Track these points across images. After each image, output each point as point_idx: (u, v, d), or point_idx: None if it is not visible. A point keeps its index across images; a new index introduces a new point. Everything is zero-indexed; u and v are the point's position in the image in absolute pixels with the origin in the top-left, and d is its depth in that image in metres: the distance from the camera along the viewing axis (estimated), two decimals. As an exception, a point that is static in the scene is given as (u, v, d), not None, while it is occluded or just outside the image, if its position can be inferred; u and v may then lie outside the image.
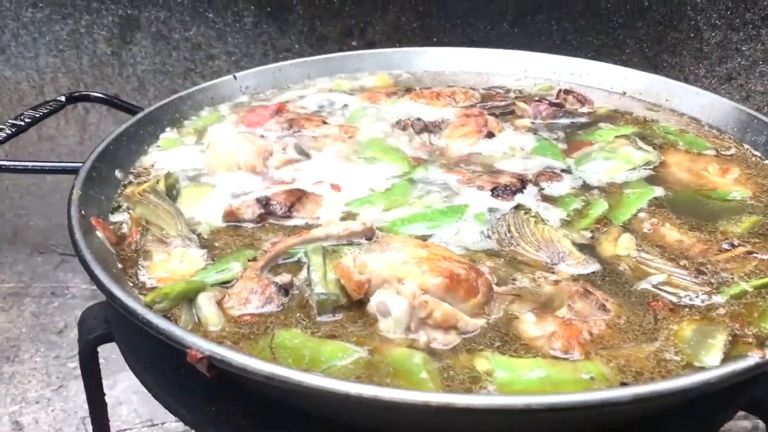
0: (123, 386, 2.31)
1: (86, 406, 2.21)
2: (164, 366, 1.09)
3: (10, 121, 1.46)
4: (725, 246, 1.18)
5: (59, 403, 2.27)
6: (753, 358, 0.86)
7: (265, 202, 1.26)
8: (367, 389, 0.81)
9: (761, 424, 1.86)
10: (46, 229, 3.03)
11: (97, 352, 1.26)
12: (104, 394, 1.33)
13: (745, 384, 1.05)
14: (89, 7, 2.52)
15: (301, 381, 0.82)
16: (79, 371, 2.34)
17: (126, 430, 2.03)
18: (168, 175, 1.33)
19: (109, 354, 2.43)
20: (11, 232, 3.08)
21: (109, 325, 1.21)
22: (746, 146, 1.49)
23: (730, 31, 2.20)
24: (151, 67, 2.60)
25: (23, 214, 3.05)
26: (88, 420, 2.08)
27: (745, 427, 1.89)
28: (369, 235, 1.19)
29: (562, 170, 1.41)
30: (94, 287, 1.98)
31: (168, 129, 1.56)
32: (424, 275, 1.00)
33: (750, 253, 1.16)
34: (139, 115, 1.50)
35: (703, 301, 1.05)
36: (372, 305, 1.02)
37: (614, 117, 1.64)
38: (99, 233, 1.17)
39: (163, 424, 2.13)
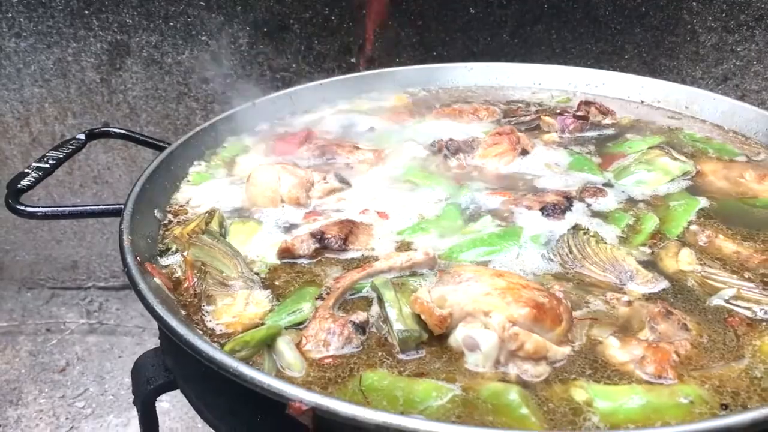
0: (135, 426, 2.25)
1: (103, 446, 2.16)
2: (242, 414, 1.05)
3: (34, 164, 1.40)
4: (782, 255, 1.19)
5: (73, 446, 2.20)
6: None
7: (319, 237, 1.23)
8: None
9: None
10: (33, 263, 2.94)
11: (155, 402, 1.21)
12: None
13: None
14: (76, 35, 2.44)
15: (417, 428, 0.81)
16: (89, 411, 2.29)
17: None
18: (216, 214, 1.29)
19: (118, 390, 2.37)
20: (-3, 268, 2.98)
21: (170, 373, 1.16)
22: (775, 151, 1.52)
23: (725, 33, 2.24)
24: (142, 92, 2.54)
25: (9, 249, 2.94)
26: (107, 461, 2.02)
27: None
28: (431, 264, 1.18)
29: (604, 185, 1.42)
30: (92, 321, 1.91)
31: (195, 162, 1.52)
32: (510, 306, 0.99)
33: (808, 261, 1.18)
34: (168, 150, 1.45)
35: (776, 314, 1.07)
36: (458, 340, 1.01)
37: (639, 127, 1.66)
38: (156, 279, 1.13)
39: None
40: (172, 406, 2.32)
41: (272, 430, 1.02)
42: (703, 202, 1.35)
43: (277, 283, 1.16)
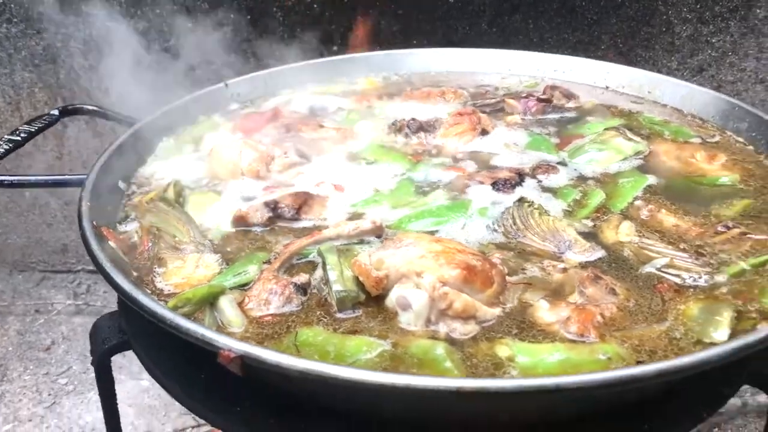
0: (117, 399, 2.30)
1: (81, 421, 2.22)
2: (188, 370, 1.10)
3: (6, 136, 1.45)
4: (720, 228, 1.23)
5: (53, 420, 2.25)
6: (763, 330, 0.91)
7: (273, 206, 1.28)
8: (399, 378, 0.83)
9: (750, 401, 1.93)
10: (25, 247, 2.99)
11: (110, 362, 1.26)
12: (117, 404, 1.32)
13: (749, 358, 1.10)
14: (65, 22, 2.50)
15: (337, 374, 0.85)
16: (71, 387, 2.34)
17: (125, 442, 2.01)
18: (175, 184, 1.34)
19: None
20: (-10, 251, 3.04)
21: (124, 334, 1.21)
22: (729, 133, 1.55)
23: (700, 24, 2.27)
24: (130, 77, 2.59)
25: (1, 232, 3.00)
26: (85, 435, 2.07)
27: (734, 404, 1.96)
28: (378, 233, 1.22)
29: (558, 163, 1.46)
30: (79, 303, 1.97)
31: (164, 138, 1.57)
32: (442, 268, 1.03)
33: (744, 234, 1.21)
34: (136, 126, 1.50)
35: (706, 282, 1.10)
36: (391, 300, 1.05)
37: (600, 111, 1.69)
38: (111, 243, 1.18)
39: (162, 435, 2.13)
40: (151, 384, 2.38)
41: (212, 384, 1.06)
42: (651, 179, 1.39)
43: (228, 249, 1.21)
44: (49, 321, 2.71)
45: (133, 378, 2.41)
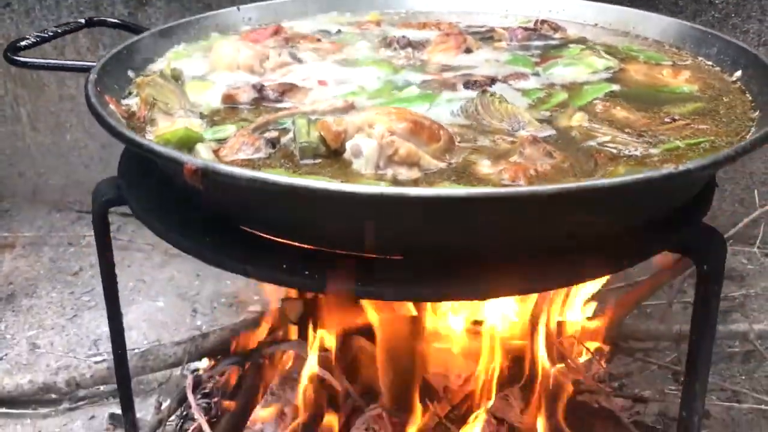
0: (133, 316, 2.47)
1: (98, 330, 2.39)
2: (169, 209, 1.24)
3: (35, 33, 1.63)
4: (667, 120, 1.32)
5: (73, 329, 2.43)
6: (668, 168, 1.00)
7: (259, 88, 1.42)
8: (333, 185, 0.96)
9: (756, 327, 1.98)
10: (64, 187, 3.21)
11: (107, 216, 1.41)
12: (113, 256, 1.47)
13: (672, 223, 1.19)
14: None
15: (277, 180, 0.98)
16: (92, 303, 2.52)
17: (134, 349, 2.17)
18: (174, 68, 1.49)
19: (122, 291, 2.60)
20: (31, 191, 3.26)
21: (120, 190, 1.36)
22: (700, 58, 1.63)
23: (703, -16, 2.35)
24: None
25: (43, 172, 3.23)
26: (100, 342, 2.26)
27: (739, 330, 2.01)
28: (349, 110, 1.34)
29: (532, 74, 1.56)
30: None
31: (177, 45, 1.72)
32: (392, 121, 1.15)
33: (688, 125, 1.30)
34: (153, 30, 1.67)
35: (640, 153, 1.20)
36: (347, 149, 1.17)
37: (584, 41, 1.79)
38: (112, 107, 1.33)
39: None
40: (165, 305, 2.54)
41: (187, 220, 1.21)
42: (615, 87, 1.48)
43: (215, 119, 1.35)
44: (80, 251, 2.91)
45: (149, 299, 2.58)
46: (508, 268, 1.07)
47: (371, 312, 1.69)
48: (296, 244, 1.11)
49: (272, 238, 1.13)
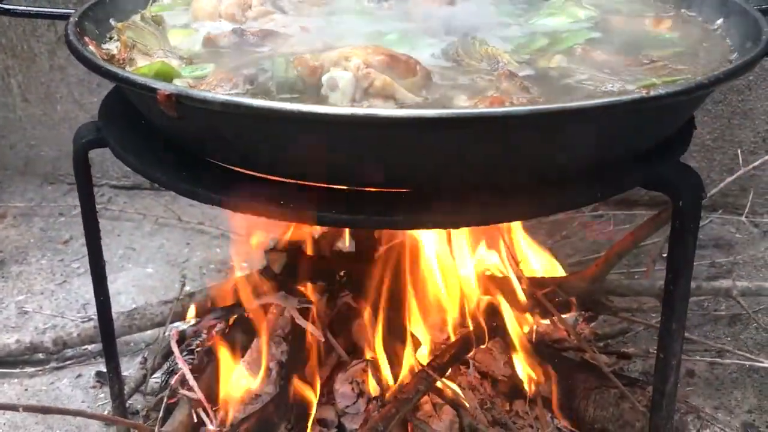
0: (122, 281, 2.48)
1: (87, 295, 2.39)
2: (146, 147, 1.25)
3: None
4: (645, 61, 1.32)
5: (62, 294, 2.43)
6: (638, 93, 1.01)
7: (240, 33, 1.42)
8: (307, 107, 0.96)
9: (738, 284, 1.99)
10: (56, 159, 3.21)
11: (88, 157, 1.42)
12: (94, 199, 1.47)
13: (648, 159, 1.20)
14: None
15: (251, 103, 0.98)
16: (81, 270, 2.52)
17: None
18: (155, 15, 1.49)
19: (111, 258, 2.60)
20: (23, 163, 3.26)
21: (100, 132, 1.37)
22: (683, 10, 1.63)
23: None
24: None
25: (34, 144, 3.22)
26: (89, 306, 2.26)
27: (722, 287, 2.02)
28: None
29: (513, 24, 1.57)
30: (99, 207, 2.13)
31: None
32: (368, 55, 1.16)
33: (666, 66, 1.30)
34: (135, -18, 1.67)
35: (617, 89, 1.20)
36: (323, 83, 1.17)
37: None
38: (92, 48, 1.33)
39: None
40: (154, 271, 2.55)
41: (163, 157, 1.21)
42: (595, 35, 1.48)
43: (195, 61, 1.35)
44: (70, 221, 2.91)
45: (139, 266, 2.59)
46: (481, 196, 1.08)
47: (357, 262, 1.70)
48: (270, 177, 1.12)
49: (246, 171, 1.14)
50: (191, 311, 1.93)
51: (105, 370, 1.76)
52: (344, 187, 1.09)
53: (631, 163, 1.17)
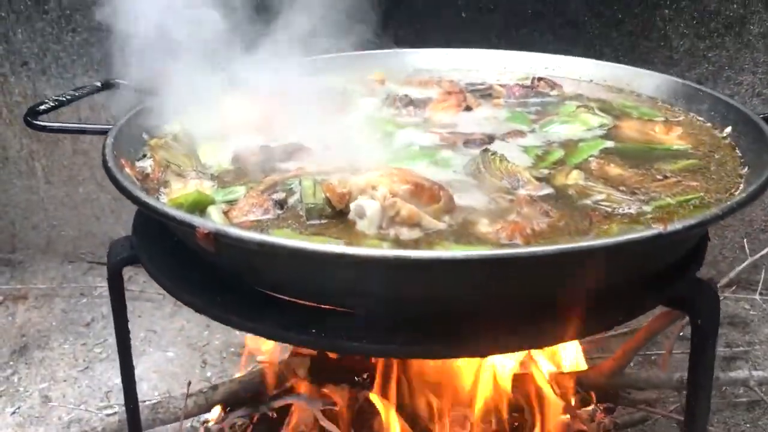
0: (143, 367, 2.51)
1: (110, 383, 2.42)
2: (179, 267, 1.30)
3: (53, 97, 1.70)
4: (658, 177, 1.37)
5: (85, 381, 2.46)
6: (656, 228, 1.05)
7: (267, 150, 1.48)
8: (337, 247, 1.02)
9: (755, 374, 2.01)
10: (76, 239, 3.28)
11: (122, 274, 1.46)
12: (126, 313, 1.51)
13: (665, 278, 1.23)
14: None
15: (286, 243, 1.03)
16: (104, 355, 2.56)
17: (145, 401, 2.20)
18: (186, 132, 1.56)
19: (133, 342, 2.63)
20: (45, 242, 3.33)
21: (134, 249, 1.42)
22: (692, 114, 1.69)
23: (696, 39, 2.42)
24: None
25: (56, 224, 3.30)
26: (112, 393, 2.29)
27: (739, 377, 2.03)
28: (354, 170, 1.40)
29: (529, 132, 1.63)
30: None
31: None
32: (394, 183, 1.21)
33: (679, 182, 1.35)
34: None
35: (634, 211, 1.25)
36: (351, 210, 1.23)
37: (580, 98, 1.86)
38: (127, 170, 1.39)
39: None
40: (175, 356, 2.58)
41: (200, 281, 1.26)
42: (609, 144, 1.54)
43: (225, 179, 1.41)
44: (92, 302, 2.96)
45: (160, 350, 2.62)
46: (505, 325, 1.11)
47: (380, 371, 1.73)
48: (301, 301, 1.16)
49: (281, 297, 1.18)
50: (216, 410, 1.95)
51: (129, 464, 1.78)
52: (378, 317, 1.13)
53: (648, 284, 1.20)
